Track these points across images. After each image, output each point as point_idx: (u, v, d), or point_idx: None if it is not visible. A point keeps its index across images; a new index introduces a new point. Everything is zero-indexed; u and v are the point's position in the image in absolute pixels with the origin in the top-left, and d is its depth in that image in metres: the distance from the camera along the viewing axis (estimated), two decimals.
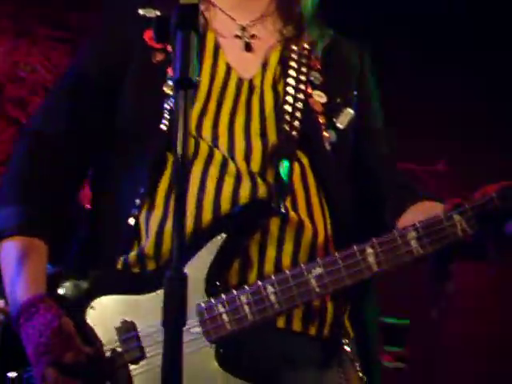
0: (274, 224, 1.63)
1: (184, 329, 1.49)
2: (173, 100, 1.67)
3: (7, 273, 1.64)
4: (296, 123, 1.72)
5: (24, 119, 4.80)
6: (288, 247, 1.64)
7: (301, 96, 1.75)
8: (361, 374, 1.72)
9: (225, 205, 1.62)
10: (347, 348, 1.72)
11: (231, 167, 1.66)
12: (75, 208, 1.81)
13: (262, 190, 1.64)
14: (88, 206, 1.79)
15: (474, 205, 1.59)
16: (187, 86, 1.20)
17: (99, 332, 1.58)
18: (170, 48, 1.70)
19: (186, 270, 1.51)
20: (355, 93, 1.83)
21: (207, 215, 1.62)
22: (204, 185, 1.64)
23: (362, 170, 1.81)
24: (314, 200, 1.71)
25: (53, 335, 1.53)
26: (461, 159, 5.44)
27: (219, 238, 1.59)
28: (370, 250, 1.58)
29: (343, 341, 1.72)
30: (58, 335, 1.53)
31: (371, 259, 1.58)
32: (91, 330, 1.58)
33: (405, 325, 4.69)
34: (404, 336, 4.73)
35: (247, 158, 1.68)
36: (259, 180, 1.65)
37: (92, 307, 1.59)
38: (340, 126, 1.77)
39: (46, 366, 1.52)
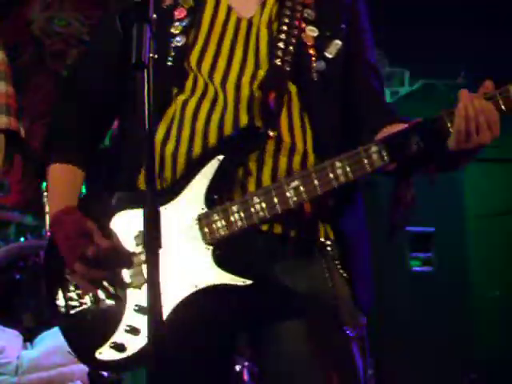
0: (270, 144, 1.87)
1: (186, 232, 1.85)
2: (178, 39, 1.94)
3: (50, 188, 2.01)
4: (288, 57, 1.91)
5: (63, 70, 5.19)
6: (283, 160, 1.89)
7: (295, 31, 1.94)
8: (341, 271, 1.93)
9: (212, 135, 1.87)
10: (329, 248, 1.93)
11: (220, 100, 1.88)
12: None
13: (243, 120, 1.87)
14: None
15: (423, 122, 1.79)
16: (142, 67, 1.50)
17: (121, 238, 1.86)
18: None
19: (191, 186, 1.87)
20: (343, 26, 1.99)
21: (198, 143, 1.87)
22: (196, 117, 1.89)
23: (351, 95, 1.99)
24: (296, 121, 1.92)
25: (76, 236, 1.84)
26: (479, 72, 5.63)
27: (216, 160, 1.84)
28: (338, 164, 1.81)
29: (326, 242, 1.93)
30: (80, 235, 1.84)
31: (339, 171, 1.82)
32: (114, 234, 1.87)
33: (430, 232, 5.03)
34: (430, 242, 5.07)
35: (237, 89, 1.90)
36: (242, 111, 1.88)
37: (117, 218, 1.89)
38: (329, 55, 1.95)
39: (74, 262, 1.83)
